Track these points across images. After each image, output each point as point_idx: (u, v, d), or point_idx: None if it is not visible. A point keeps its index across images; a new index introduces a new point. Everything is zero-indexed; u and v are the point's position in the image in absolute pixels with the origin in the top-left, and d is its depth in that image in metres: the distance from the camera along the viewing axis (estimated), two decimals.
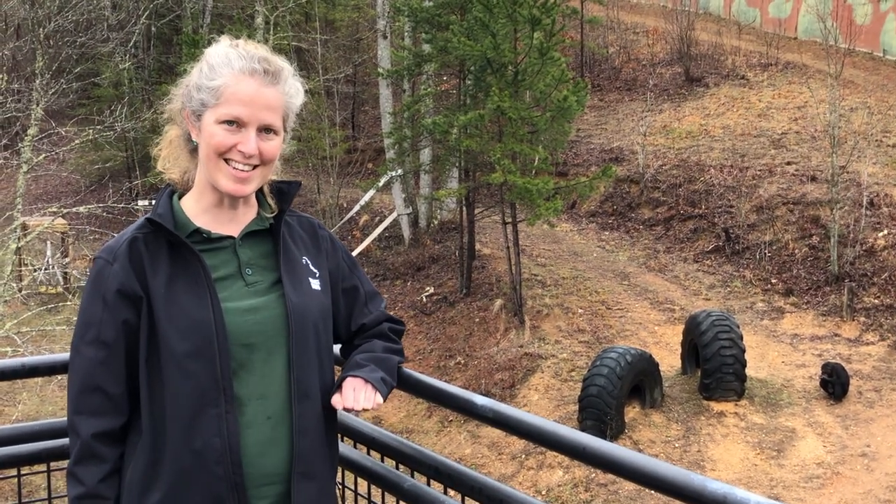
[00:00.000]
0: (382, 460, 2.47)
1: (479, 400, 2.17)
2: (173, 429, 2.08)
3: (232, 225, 2.21)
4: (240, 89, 2.11)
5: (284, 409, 2.16)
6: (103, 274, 2.12)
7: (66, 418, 2.19)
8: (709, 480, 1.66)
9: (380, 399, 2.20)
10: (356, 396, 2.18)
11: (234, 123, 2.11)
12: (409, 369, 2.37)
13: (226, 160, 2.12)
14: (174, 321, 2.08)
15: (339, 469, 2.46)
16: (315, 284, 2.26)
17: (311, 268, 2.28)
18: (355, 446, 2.55)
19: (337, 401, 2.19)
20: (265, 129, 2.14)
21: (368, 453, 2.52)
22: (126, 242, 2.13)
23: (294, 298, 2.19)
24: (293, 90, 2.20)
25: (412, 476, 2.37)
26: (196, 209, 2.20)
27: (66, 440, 2.32)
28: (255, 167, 2.14)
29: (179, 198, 2.23)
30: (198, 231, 2.16)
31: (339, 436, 2.42)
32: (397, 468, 2.42)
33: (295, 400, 2.17)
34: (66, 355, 2.73)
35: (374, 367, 2.28)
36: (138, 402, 2.13)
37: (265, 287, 2.19)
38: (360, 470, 2.49)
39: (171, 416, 2.08)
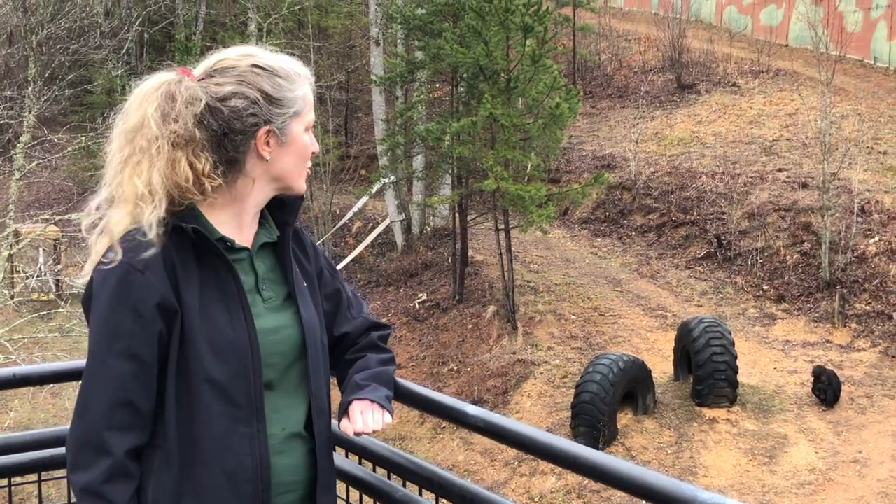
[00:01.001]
0: (374, 470, 2.47)
1: (471, 409, 2.17)
2: (206, 447, 2.03)
3: (245, 236, 2.17)
4: (310, 95, 2.17)
5: (302, 425, 2.17)
6: (131, 282, 1.99)
7: (54, 428, 2.13)
8: (700, 490, 1.67)
9: (388, 418, 2.18)
10: (365, 420, 2.16)
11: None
12: (400, 378, 2.36)
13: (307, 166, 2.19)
14: (208, 338, 2.02)
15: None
16: (309, 297, 2.25)
17: (303, 279, 2.26)
18: (347, 456, 2.55)
19: (347, 426, 2.16)
20: None
21: (360, 463, 2.52)
22: (160, 248, 2.02)
23: (307, 317, 2.18)
24: None
25: (404, 486, 2.37)
26: (218, 218, 2.11)
27: (55, 450, 2.29)
28: None
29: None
30: (222, 239, 2.09)
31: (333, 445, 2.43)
32: (389, 478, 2.42)
33: (315, 416, 2.17)
34: (57, 364, 2.71)
35: (375, 385, 2.25)
36: (155, 418, 2.06)
37: (278, 304, 2.17)
38: (352, 480, 2.49)
39: (203, 435, 2.03)
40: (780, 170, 21.82)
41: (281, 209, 2.24)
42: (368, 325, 2.40)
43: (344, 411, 2.20)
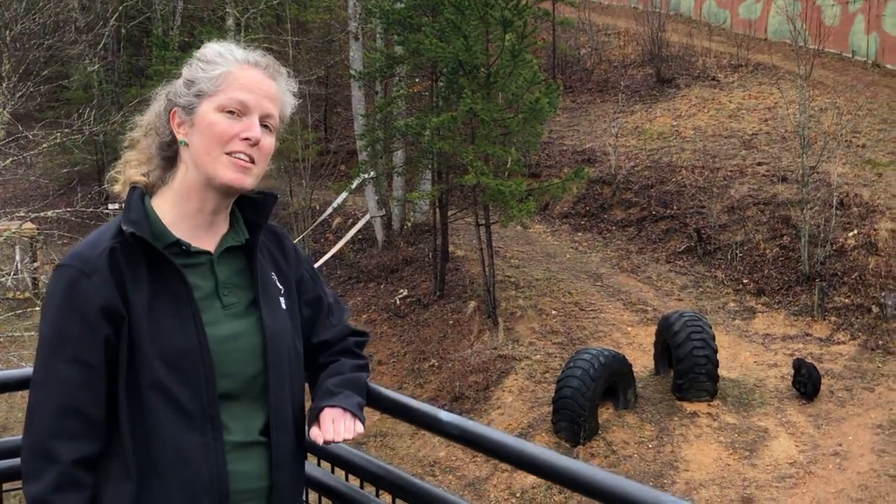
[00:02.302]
0: (347, 479, 2.40)
1: (444, 416, 2.10)
2: (161, 457, 1.98)
3: (209, 236, 2.11)
4: (243, 76, 2.06)
5: (257, 433, 2.10)
6: (79, 286, 1.96)
7: (15, 437, 2.07)
8: (680, 502, 1.63)
9: (360, 427, 2.13)
10: (336, 428, 2.10)
11: (235, 112, 2.04)
12: (372, 383, 2.30)
13: (226, 152, 2.03)
14: (157, 346, 1.97)
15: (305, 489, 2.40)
16: (283, 303, 2.18)
17: (279, 284, 2.19)
18: (319, 464, 2.48)
19: (317, 434, 2.10)
20: (263, 125, 2.07)
21: (333, 471, 2.46)
22: (106, 253, 1.98)
23: (270, 324, 2.10)
24: (288, 91, 2.16)
25: (377, 495, 2.31)
26: (172, 215, 2.07)
27: (16, 461, 2.21)
28: (252, 161, 2.05)
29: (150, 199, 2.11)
30: (177, 243, 2.04)
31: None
32: (362, 487, 2.36)
33: (273, 430, 2.10)
34: (17, 371, 2.62)
35: (348, 392, 2.18)
36: (110, 425, 2.01)
37: (241, 310, 2.10)
38: (323, 489, 2.42)
39: (158, 445, 1.97)
40: (759, 163, 21.89)
41: (254, 210, 2.18)
42: (347, 331, 2.35)
43: (314, 418, 2.14)
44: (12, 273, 21.67)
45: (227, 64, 2.08)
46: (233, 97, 2.05)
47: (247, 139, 2.05)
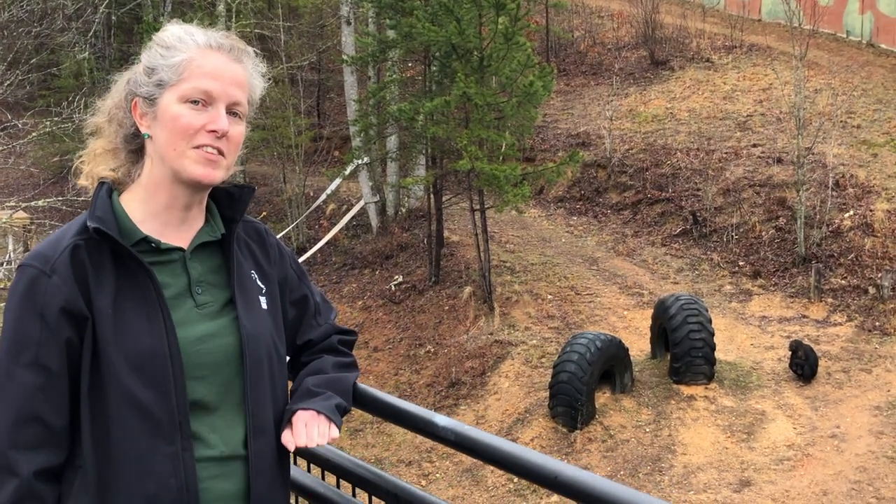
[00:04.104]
0: (338, 485, 2.31)
1: (440, 420, 2.01)
2: (124, 469, 1.86)
3: (182, 232, 1.99)
4: (206, 62, 1.93)
5: (239, 444, 1.98)
6: (39, 287, 1.85)
7: None
8: None
9: (335, 432, 2.01)
10: (309, 433, 1.99)
11: (199, 102, 1.92)
12: (364, 384, 2.19)
13: (193, 146, 1.91)
14: (123, 348, 1.86)
15: (292, 495, 2.31)
16: (263, 303, 2.06)
17: (259, 283, 2.08)
18: (308, 469, 2.39)
19: (288, 440, 1.99)
20: (231, 112, 1.95)
21: (323, 477, 2.36)
22: (68, 251, 1.87)
23: (248, 324, 1.99)
24: (256, 73, 2.03)
25: (370, 502, 2.22)
26: (142, 212, 1.96)
27: None
28: (221, 154, 1.94)
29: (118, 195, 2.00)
30: (145, 240, 1.93)
31: (292, 457, 2.25)
32: (354, 494, 2.27)
33: (251, 437, 1.98)
34: None
35: (328, 393, 2.07)
36: (74, 433, 1.91)
37: (215, 309, 1.98)
38: (313, 496, 2.32)
39: (121, 455, 1.86)
40: (754, 145, 21.81)
41: (229, 204, 2.06)
42: (333, 331, 2.24)
43: (287, 421, 2.03)
44: (5, 263, 21.55)
45: (188, 49, 1.95)
46: (196, 86, 1.93)
47: (213, 131, 1.93)
